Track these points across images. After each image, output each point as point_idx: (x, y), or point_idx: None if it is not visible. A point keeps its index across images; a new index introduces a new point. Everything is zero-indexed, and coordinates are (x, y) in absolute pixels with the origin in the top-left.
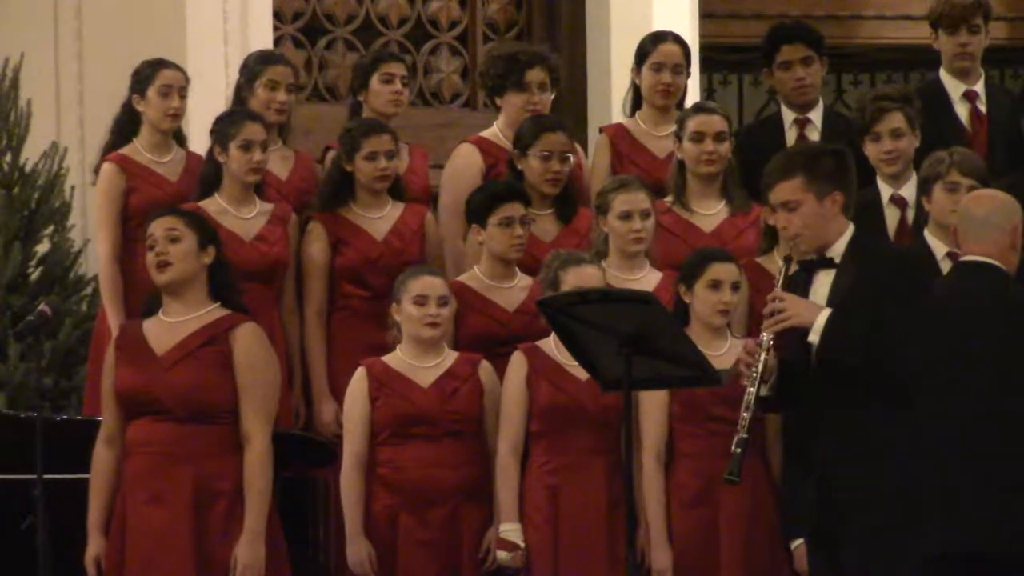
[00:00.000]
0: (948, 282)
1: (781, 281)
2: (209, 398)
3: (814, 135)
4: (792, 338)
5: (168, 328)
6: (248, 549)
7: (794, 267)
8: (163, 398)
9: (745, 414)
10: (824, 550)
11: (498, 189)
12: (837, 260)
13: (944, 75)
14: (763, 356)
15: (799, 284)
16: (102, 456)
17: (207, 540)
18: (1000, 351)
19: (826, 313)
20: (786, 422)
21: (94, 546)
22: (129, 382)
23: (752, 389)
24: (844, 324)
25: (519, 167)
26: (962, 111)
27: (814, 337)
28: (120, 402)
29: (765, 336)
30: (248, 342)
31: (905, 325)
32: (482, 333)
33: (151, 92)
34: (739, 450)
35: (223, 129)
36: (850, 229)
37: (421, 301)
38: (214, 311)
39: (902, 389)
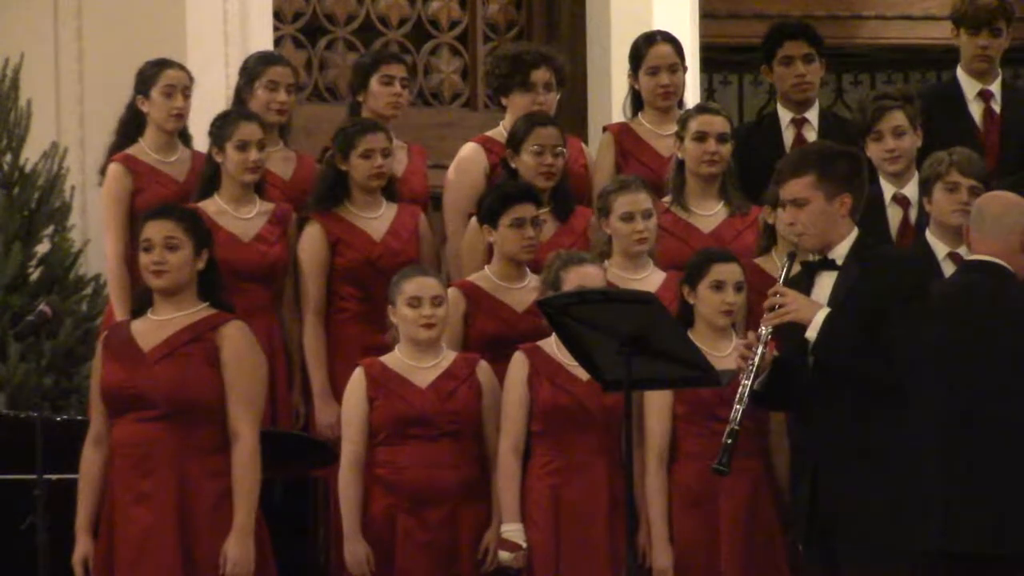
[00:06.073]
0: (952, 281)
1: (783, 276)
2: (194, 394)
3: (811, 135)
4: (793, 335)
5: (156, 326)
6: (238, 545)
7: (797, 266)
8: (147, 393)
9: (738, 406)
10: (818, 549)
11: (510, 190)
12: (839, 262)
13: (961, 73)
14: (760, 349)
15: (801, 285)
16: (89, 457)
17: (193, 539)
18: (1000, 351)
19: (825, 312)
20: (790, 424)
21: (82, 547)
22: (114, 378)
23: (746, 382)
24: (838, 324)
25: (513, 165)
26: (976, 110)
27: (811, 333)
28: (106, 399)
29: (764, 330)
30: (235, 340)
31: (905, 328)
32: (491, 334)
33: (154, 92)
34: (730, 441)
35: (219, 130)
36: (854, 232)
37: (415, 303)
38: (202, 310)
39: (899, 391)
